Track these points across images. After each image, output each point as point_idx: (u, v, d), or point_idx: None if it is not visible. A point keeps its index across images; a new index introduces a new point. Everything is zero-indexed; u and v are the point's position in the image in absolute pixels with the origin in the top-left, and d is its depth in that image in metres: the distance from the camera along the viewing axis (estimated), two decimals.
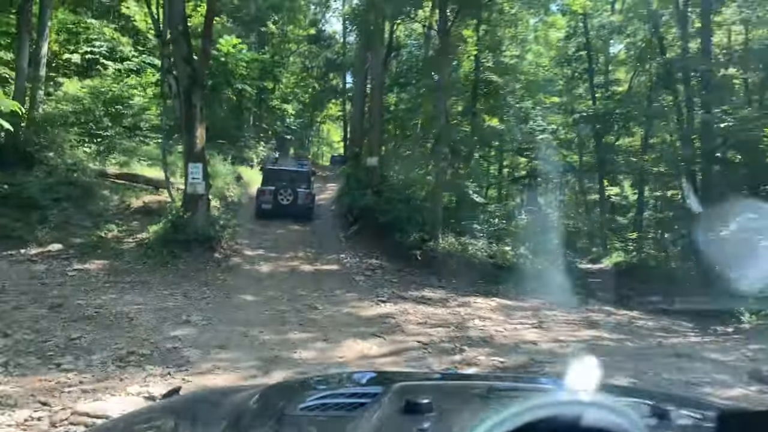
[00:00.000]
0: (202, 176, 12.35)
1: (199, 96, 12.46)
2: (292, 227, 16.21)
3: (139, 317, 7.82)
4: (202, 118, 12.53)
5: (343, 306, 9.26)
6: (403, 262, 12.86)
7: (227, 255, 12.80)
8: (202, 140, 12.53)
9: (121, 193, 15.12)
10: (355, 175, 17.43)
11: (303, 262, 12.89)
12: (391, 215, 14.11)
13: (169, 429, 1.45)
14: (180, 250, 11.99)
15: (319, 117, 43.26)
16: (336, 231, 16.15)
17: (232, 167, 21.47)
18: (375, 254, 13.75)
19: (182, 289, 9.98)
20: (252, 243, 14.23)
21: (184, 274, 11.11)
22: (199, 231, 12.19)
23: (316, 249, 14.38)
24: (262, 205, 16.27)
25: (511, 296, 10.86)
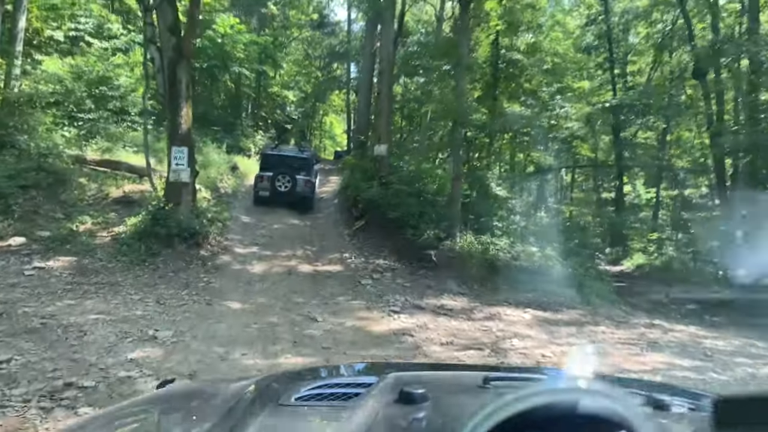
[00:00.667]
0: (187, 162, 10.78)
1: (186, 70, 10.87)
2: (290, 221, 14.65)
3: (95, 331, 6.26)
4: (188, 95, 10.95)
5: (347, 317, 7.69)
6: (416, 263, 11.28)
7: (215, 252, 11.24)
8: (189, 120, 10.95)
9: (100, 181, 13.54)
10: (360, 166, 15.85)
11: (301, 261, 11.32)
12: (401, 210, 12.53)
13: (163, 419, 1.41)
14: (160, 246, 10.44)
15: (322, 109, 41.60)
16: (339, 226, 14.58)
17: (227, 156, 19.91)
18: (383, 253, 12.18)
19: (157, 292, 8.43)
20: (244, 239, 12.67)
21: (162, 275, 9.56)
22: (182, 224, 10.63)
23: (317, 246, 12.81)
24: (259, 192, 15.38)
25: (544, 306, 9.28)
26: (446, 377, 1.76)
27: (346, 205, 15.63)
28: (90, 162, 14.28)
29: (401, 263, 11.49)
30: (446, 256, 11.16)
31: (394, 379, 1.39)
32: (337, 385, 1.41)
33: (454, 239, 11.52)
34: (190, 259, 10.56)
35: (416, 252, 11.61)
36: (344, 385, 1.43)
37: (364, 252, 12.41)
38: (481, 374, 1.45)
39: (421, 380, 1.41)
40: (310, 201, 15.69)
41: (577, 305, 9.62)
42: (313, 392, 1.34)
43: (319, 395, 1.32)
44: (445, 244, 11.42)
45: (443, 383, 1.55)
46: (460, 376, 1.80)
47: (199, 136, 20.08)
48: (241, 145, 22.47)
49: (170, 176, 10.85)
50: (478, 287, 10.08)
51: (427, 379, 1.53)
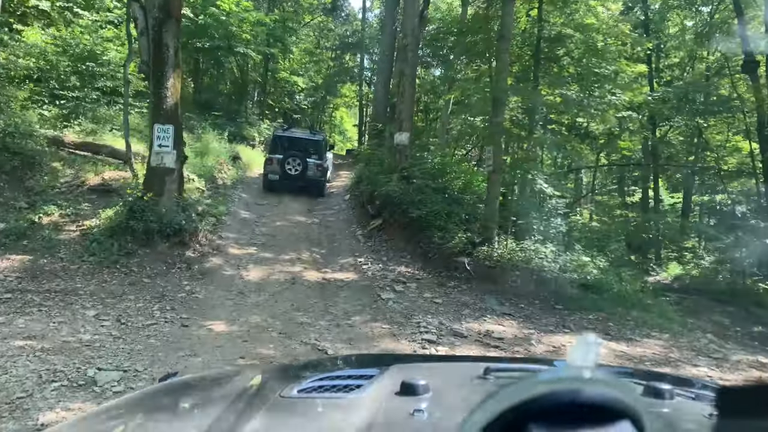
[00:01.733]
0: (172, 143, 8.90)
1: (174, 33, 8.98)
2: (294, 218, 12.75)
3: (12, 368, 4.39)
4: (176, 63, 9.07)
5: (368, 348, 5.77)
6: (446, 272, 9.36)
7: (204, 253, 9.36)
8: (176, 93, 9.07)
9: (77, 166, 11.68)
10: (377, 157, 13.91)
11: (307, 266, 9.42)
12: (425, 208, 10.60)
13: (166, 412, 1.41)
14: (136, 245, 8.57)
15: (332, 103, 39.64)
16: (351, 225, 12.67)
17: (229, 145, 18.05)
18: (405, 259, 10.27)
19: (121, 306, 6.54)
20: (241, 237, 10.78)
21: (134, 281, 7.68)
22: (164, 219, 8.75)
23: (326, 248, 10.90)
24: (268, 176, 14.58)
25: (614, 334, 7.31)
26: (447, 368, 1.79)
27: (360, 200, 13.71)
28: (68, 144, 12.44)
29: (427, 272, 9.56)
30: (483, 266, 9.21)
31: (396, 370, 1.41)
32: (338, 378, 1.40)
33: (491, 245, 9.58)
34: (172, 261, 8.69)
35: (445, 259, 9.68)
36: (346, 377, 1.42)
37: (382, 256, 10.49)
38: (482, 365, 1.46)
39: (422, 372, 1.43)
40: (322, 185, 14.93)
41: (652, 332, 7.65)
42: (315, 384, 1.33)
43: (321, 387, 1.31)
44: (481, 250, 9.48)
45: (444, 374, 1.57)
46: (461, 368, 1.83)
47: (198, 122, 18.32)
48: (245, 133, 20.60)
49: (152, 160, 8.97)
50: (526, 306, 8.12)
51: (429, 371, 1.54)
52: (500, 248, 9.62)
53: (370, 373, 1.43)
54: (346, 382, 1.34)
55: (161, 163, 8.91)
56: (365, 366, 1.78)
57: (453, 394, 1.29)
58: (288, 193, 15.18)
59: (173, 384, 1.63)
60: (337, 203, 14.84)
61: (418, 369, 1.60)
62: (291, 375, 1.53)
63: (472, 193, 12.55)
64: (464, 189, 12.72)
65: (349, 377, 1.40)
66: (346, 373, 1.52)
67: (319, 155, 14.65)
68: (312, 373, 1.55)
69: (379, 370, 1.44)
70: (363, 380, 1.34)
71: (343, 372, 1.59)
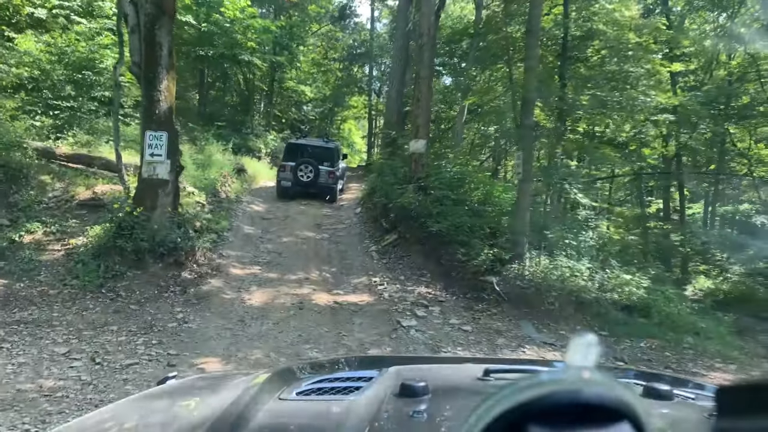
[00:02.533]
0: (166, 152, 7.99)
1: (167, 30, 8.12)
2: (302, 233, 11.79)
3: None
4: (170, 65, 8.19)
5: None
6: (472, 294, 8.36)
7: (201, 274, 8.41)
8: (170, 97, 8.18)
9: (68, 179, 10.83)
10: (390, 166, 12.94)
11: (317, 288, 8.44)
12: (446, 221, 9.62)
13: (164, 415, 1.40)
14: (125, 266, 7.64)
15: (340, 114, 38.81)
16: (364, 240, 11.69)
17: (233, 157, 17.18)
18: (424, 278, 9.27)
19: (99, 340, 5.60)
20: (244, 255, 9.83)
21: (120, 308, 6.73)
22: (156, 236, 7.83)
23: (337, 267, 9.93)
24: (281, 182, 14.71)
25: (674, 366, 6.26)
26: (447, 370, 1.78)
27: (373, 214, 12.74)
28: (60, 156, 11.60)
29: (451, 293, 8.56)
30: (514, 286, 8.21)
31: (395, 372, 1.40)
32: (338, 379, 1.40)
33: (521, 262, 8.58)
34: (165, 283, 7.74)
35: (470, 278, 8.68)
36: (345, 379, 1.41)
37: (399, 275, 9.50)
38: (481, 366, 1.44)
39: (421, 373, 1.42)
40: (333, 192, 14.88)
41: (715, 362, 6.60)
42: (314, 386, 1.33)
43: (320, 389, 1.31)
44: (510, 268, 8.48)
45: (444, 376, 1.57)
46: (460, 369, 1.82)
47: (201, 133, 17.48)
48: (251, 145, 19.74)
49: (143, 171, 8.07)
50: (567, 333, 7.10)
51: (428, 372, 1.53)
52: (532, 266, 8.60)
53: (369, 375, 1.42)
54: (345, 384, 1.33)
55: (153, 174, 8.00)
56: (364, 368, 1.75)
57: (452, 396, 1.30)
58: (296, 206, 14.30)
59: (171, 386, 1.63)
60: (347, 217, 13.88)
61: (417, 371, 1.59)
62: (290, 377, 1.52)
63: (492, 205, 11.58)
64: (484, 200, 11.75)
65: (348, 379, 1.40)
66: (345, 375, 1.50)
67: (331, 163, 14.62)
68: (311, 375, 1.57)
69: (379, 371, 1.44)
70: (362, 382, 1.33)
71: (342, 374, 1.57)
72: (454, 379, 1.52)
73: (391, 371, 1.41)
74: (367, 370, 1.55)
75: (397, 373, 1.37)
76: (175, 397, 1.52)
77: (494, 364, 1.51)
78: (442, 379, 1.46)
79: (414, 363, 1.95)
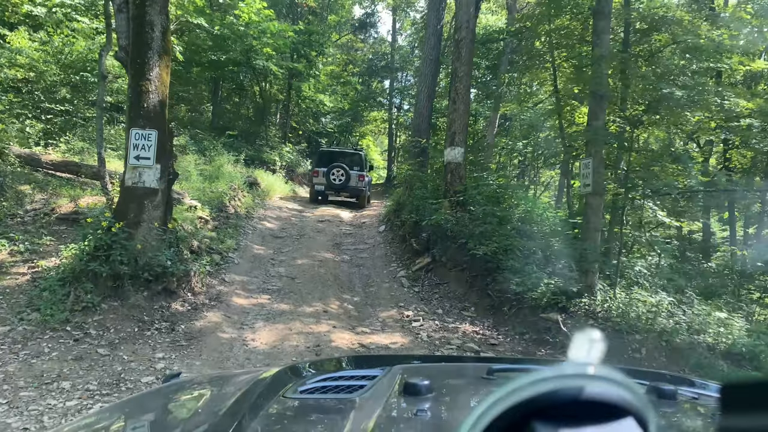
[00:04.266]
0: (154, 155, 6.48)
1: (161, 8, 6.67)
2: (320, 254, 10.22)
3: None
4: (164, 49, 6.72)
5: None
6: (531, 335, 6.69)
7: (197, 305, 6.85)
8: (163, 89, 6.70)
9: (51, 189, 9.44)
10: (420, 178, 11.35)
11: (337, 324, 6.83)
12: (493, 243, 7.99)
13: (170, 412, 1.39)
14: (100, 296, 6.10)
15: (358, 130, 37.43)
16: (391, 264, 10.09)
17: (245, 169, 15.75)
18: (468, 312, 7.63)
19: (39, 407, 4.03)
20: (251, 281, 8.28)
21: (84, 353, 5.18)
22: (140, 259, 6.29)
23: (360, 296, 8.33)
24: (315, 186, 15.79)
25: None
26: (451, 369, 1.77)
27: (400, 232, 11.13)
28: (46, 164, 10.21)
29: (504, 333, 6.89)
30: (586, 326, 6.49)
31: (399, 371, 1.40)
32: (341, 378, 1.38)
33: (592, 295, 6.89)
34: (149, 317, 6.19)
35: (528, 315, 7.00)
36: (349, 377, 1.39)
37: (436, 308, 7.87)
38: (485, 365, 1.42)
39: (425, 372, 1.43)
40: (363, 195, 15.94)
41: None
42: (318, 385, 1.32)
43: (324, 388, 1.29)
44: (579, 303, 6.79)
45: (448, 375, 1.56)
46: (464, 368, 1.82)
47: (210, 142, 16.08)
48: (265, 157, 18.31)
49: (126, 178, 6.55)
50: None
51: (432, 371, 1.53)
52: (606, 300, 6.91)
53: (373, 373, 1.40)
54: (350, 382, 1.32)
55: (139, 181, 6.49)
56: (369, 366, 1.63)
57: (456, 395, 1.32)
58: (312, 223, 12.79)
59: (176, 384, 1.61)
60: (370, 235, 12.29)
61: (421, 369, 1.58)
62: (294, 376, 1.48)
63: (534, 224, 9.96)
64: (525, 218, 10.12)
65: (352, 378, 1.38)
66: (349, 374, 1.47)
67: (360, 167, 15.69)
68: (315, 373, 1.53)
69: (383, 370, 1.42)
70: (366, 381, 1.32)
71: (347, 372, 1.53)
72: (458, 378, 1.53)
73: (395, 370, 1.41)
74: (370, 369, 1.50)
75: (401, 372, 1.37)
76: (180, 395, 1.51)
77: (498, 363, 1.48)
78: (445, 378, 1.47)
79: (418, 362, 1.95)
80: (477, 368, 1.50)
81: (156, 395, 1.60)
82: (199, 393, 1.52)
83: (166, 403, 1.47)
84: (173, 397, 1.51)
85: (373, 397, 1.16)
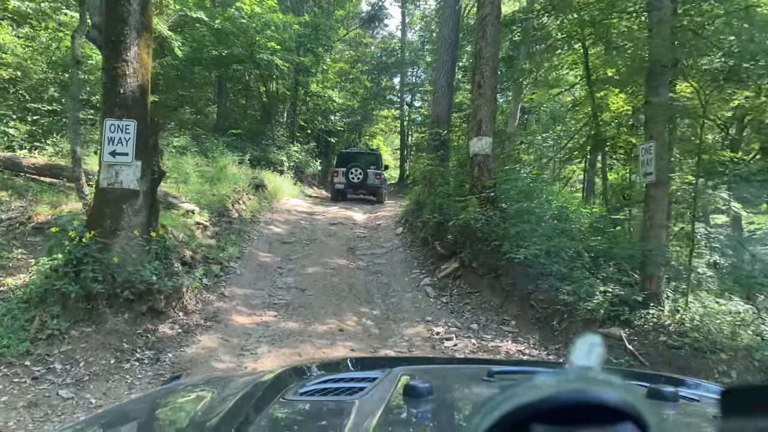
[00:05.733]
0: (133, 150, 5.43)
1: None
2: (333, 260, 9.14)
3: None
4: (144, 25, 5.68)
5: None
6: None
7: (190, 327, 5.79)
8: (144, 72, 5.65)
9: (32, 196, 8.45)
10: (442, 174, 10.23)
11: (356, 345, 5.75)
12: (534, 246, 6.85)
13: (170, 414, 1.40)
14: (69, 320, 5.05)
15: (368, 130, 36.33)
16: (412, 271, 8.98)
17: (251, 171, 14.73)
18: (508, 327, 6.52)
19: None
20: (255, 294, 7.21)
21: (40, 397, 4.13)
22: (119, 274, 5.24)
23: (381, 309, 7.24)
24: (335, 185, 16.69)
25: None
26: (451, 371, 1.75)
27: (421, 234, 10.01)
28: (28, 168, 9.24)
29: (554, 352, 5.76)
30: (656, 343, 5.37)
31: (400, 373, 1.38)
32: (342, 380, 1.38)
33: (659, 305, 5.75)
34: (130, 345, 5.13)
35: (581, 329, 5.86)
36: (349, 379, 1.39)
37: (470, 322, 6.75)
38: (485, 367, 1.42)
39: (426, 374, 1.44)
40: (380, 192, 16.97)
41: None
42: (318, 387, 1.32)
43: (325, 390, 1.29)
44: (647, 315, 5.64)
45: (448, 377, 1.55)
46: (464, 370, 1.80)
47: (212, 141, 15.07)
48: (271, 157, 17.27)
49: (101, 178, 5.51)
50: None
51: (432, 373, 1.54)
52: (677, 311, 5.75)
53: (373, 375, 1.39)
54: (350, 384, 1.31)
55: (115, 181, 5.44)
56: (369, 368, 1.66)
57: (457, 397, 1.32)
58: (324, 226, 11.74)
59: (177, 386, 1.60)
60: (387, 238, 11.19)
61: (421, 371, 1.56)
62: (295, 377, 1.46)
63: (568, 221, 8.82)
64: (560, 216, 8.98)
65: (352, 380, 1.38)
66: (349, 376, 1.46)
67: (377, 166, 16.85)
68: (316, 375, 1.53)
69: (383, 372, 1.42)
70: (366, 383, 1.32)
71: (347, 374, 1.52)
72: (459, 380, 1.51)
73: (396, 372, 1.40)
74: (371, 371, 1.51)
75: (401, 374, 1.36)
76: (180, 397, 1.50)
77: (498, 365, 1.49)
78: (445, 379, 1.47)
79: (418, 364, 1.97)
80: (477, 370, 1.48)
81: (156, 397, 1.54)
82: (200, 395, 1.47)
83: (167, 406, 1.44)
84: (174, 399, 1.49)
85: (374, 399, 1.15)
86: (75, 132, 6.80)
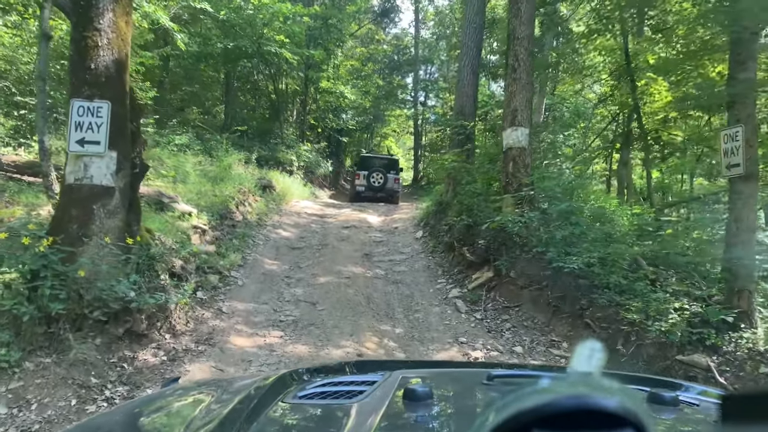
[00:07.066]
0: (106, 138, 4.43)
1: None
2: (347, 269, 8.11)
3: None
4: None
5: None
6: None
7: (177, 354, 4.78)
8: (121, 45, 4.65)
9: (9, 196, 7.47)
10: (468, 171, 9.15)
11: None
12: (587, 254, 5.78)
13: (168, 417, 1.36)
14: (25, 348, 4.03)
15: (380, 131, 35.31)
16: (438, 280, 7.93)
17: (258, 171, 13.78)
18: (558, 350, 5.45)
19: None
20: (259, 309, 6.19)
21: None
22: (88, 291, 4.23)
23: (405, 326, 6.18)
24: (356, 187, 17.28)
25: None
26: (451, 374, 1.74)
27: (446, 239, 8.95)
28: (8, 166, 8.28)
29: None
30: (756, 377, 4.27)
31: (399, 376, 1.37)
32: (341, 383, 1.36)
33: (752, 326, 4.65)
34: (101, 379, 4.12)
35: (653, 355, 4.78)
36: (349, 383, 1.37)
37: (512, 344, 5.68)
38: (485, 371, 1.41)
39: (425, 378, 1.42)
40: (397, 195, 17.59)
41: None
42: (317, 390, 1.30)
43: (324, 393, 1.27)
44: (740, 340, 4.55)
45: (448, 381, 1.54)
46: (464, 374, 1.78)
47: (216, 141, 14.11)
48: (280, 157, 16.27)
49: (67, 171, 4.52)
50: None
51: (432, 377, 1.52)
52: None
53: (373, 379, 1.38)
54: (349, 387, 1.30)
55: (84, 176, 4.43)
56: (368, 372, 1.61)
57: (456, 401, 1.31)
58: (336, 230, 10.73)
59: (174, 389, 1.58)
60: (406, 243, 10.14)
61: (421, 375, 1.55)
62: (294, 381, 1.44)
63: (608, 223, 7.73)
64: (595, 218, 7.88)
65: (351, 383, 1.36)
66: (349, 379, 1.46)
67: (395, 171, 17.62)
68: (315, 378, 1.50)
69: (382, 376, 1.40)
70: (365, 386, 1.30)
71: (347, 378, 1.51)
72: (458, 384, 1.50)
73: (395, 375, 1.38)
74: (370, 375, 1.48)
75: (401, 378, 1.34)
76: (178, 400, 1.47)
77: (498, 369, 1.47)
78: (445, 383, 1.46)
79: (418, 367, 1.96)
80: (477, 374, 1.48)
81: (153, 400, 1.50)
82: (198, 398, 1.42)
83: (164, 409, 1.40)
84: (171, 402, 1.44)
85: (373, 403, 1.14)
86: (43, 119, 5.83)
